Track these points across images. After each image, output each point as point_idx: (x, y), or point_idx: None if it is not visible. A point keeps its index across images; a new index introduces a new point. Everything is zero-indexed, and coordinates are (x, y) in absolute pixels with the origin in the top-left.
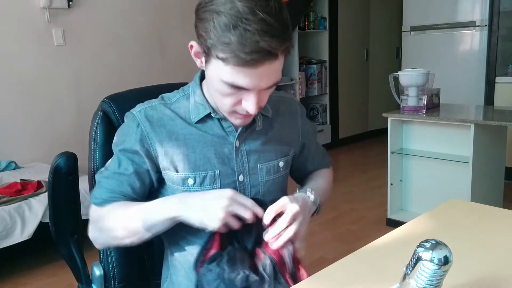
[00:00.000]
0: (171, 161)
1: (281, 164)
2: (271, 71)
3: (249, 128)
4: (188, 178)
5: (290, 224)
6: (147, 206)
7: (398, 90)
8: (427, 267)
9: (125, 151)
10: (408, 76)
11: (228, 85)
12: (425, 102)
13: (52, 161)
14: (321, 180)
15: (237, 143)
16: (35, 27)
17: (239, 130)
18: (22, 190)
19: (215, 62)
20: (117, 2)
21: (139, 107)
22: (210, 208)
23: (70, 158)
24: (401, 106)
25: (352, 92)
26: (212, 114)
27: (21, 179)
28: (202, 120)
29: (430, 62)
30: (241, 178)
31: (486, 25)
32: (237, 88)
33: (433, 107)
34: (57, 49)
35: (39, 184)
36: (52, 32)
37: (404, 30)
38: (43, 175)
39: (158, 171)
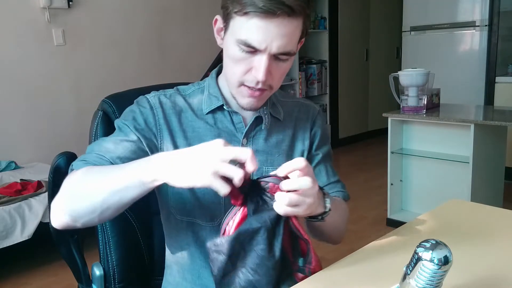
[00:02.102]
0: None
1: None
2: (284, 31)
3: (258, 127)
4: None
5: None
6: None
7: (398, 90)
8: (427, 267)
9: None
10: (408, 76)
11: (241, 46)
12: (425, 102)
13: (52, 161)
14: (337, 199)
15: (244, 141)
16: (35, 27)
17: (247, 127)
18: (22, 190)
19: (232, 24)
20: (117, 2)
21: (153, 93)
22: (195, 171)
23: (70, 158)
24: (401, 106)
25: (352, 92)
26: (224, 106)
27: (21, 179)
28: (213, 112)
29: (430, 62)
30: None
31: (486, 25)
32: (249, 48)
33: (433, 107)
34: (57, 49)
35: (39, 184)
36: (52, 32)
37: (404, 30)
38: (43, 175)
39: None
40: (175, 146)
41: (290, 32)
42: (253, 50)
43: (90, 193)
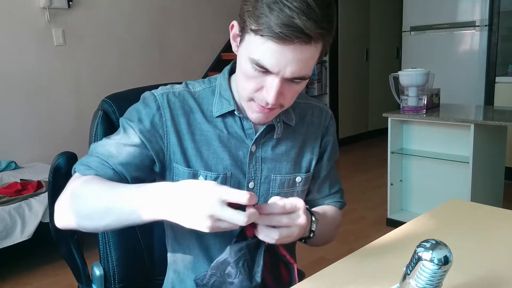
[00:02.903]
0: (184, 155)
1: (298, 179)
2: (300, 57)
3: (268, 134)
4: (199, 176)
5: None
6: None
7: (398, 90)
8: (427, 267)
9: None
10: (408, 76)
11: (254, 65)
12: (425, 102)
13: (52, 161)
14: (328, 214)
15: (253, 148)
16: (35, 27)
17: (257, 134)
18: (22, 190)
19: (247, 38)
20: (117, 2)
21: (161, 89)
22: (195, 215)
23: (70, 158)
24: (401, 106)
25: (352, 92)
26: (235, 112)
27: (21, 179)
28: (224, 116)
29: (430, 62)
30: (251, 185)
31: (486, 25)
32: (262, 69)
33: (433, 107)
34: (57, 49)
35: (39, 184)
36: (52, 32)
37: (404, 30)
38: (43, 175)
39: (162, 162)
40: (182, 149)
41: (306, 58)
42: (265, 71)
43: (94, 216)
